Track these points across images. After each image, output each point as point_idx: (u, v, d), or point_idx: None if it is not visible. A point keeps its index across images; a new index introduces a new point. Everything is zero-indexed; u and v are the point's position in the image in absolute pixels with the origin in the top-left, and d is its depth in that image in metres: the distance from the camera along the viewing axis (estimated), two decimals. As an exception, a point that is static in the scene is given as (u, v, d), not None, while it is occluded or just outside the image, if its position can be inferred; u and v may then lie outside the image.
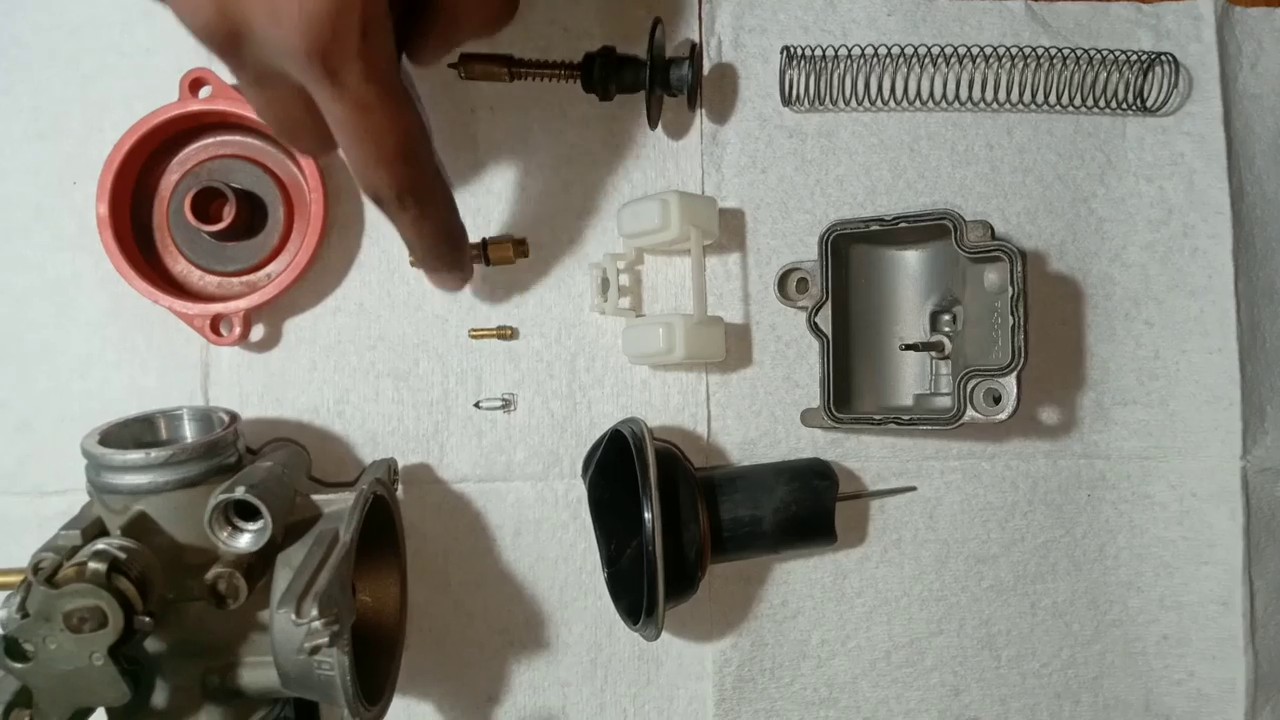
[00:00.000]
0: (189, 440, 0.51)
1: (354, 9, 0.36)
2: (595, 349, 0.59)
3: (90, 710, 0.42)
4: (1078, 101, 0.59)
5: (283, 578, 0.47)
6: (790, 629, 0.60)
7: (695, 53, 0.56)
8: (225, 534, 0.45)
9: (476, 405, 0.59)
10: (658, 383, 0.60)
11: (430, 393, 0.59)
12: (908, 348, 0.58)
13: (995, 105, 0.60)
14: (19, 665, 0.40)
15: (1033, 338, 0.53)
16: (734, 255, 0.60)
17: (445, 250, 0.49)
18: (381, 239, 0.59)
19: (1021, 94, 0.59)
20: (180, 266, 0.58)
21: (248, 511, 0.45)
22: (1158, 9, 0.61)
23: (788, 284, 0.59)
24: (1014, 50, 0.59)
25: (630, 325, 0.58)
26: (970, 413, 0.52)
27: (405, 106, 0.41)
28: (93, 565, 0.41)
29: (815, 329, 0.57)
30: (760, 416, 0.60)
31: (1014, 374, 0.52)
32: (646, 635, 0.53)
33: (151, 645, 0.46)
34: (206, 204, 0.55)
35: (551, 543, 0.59)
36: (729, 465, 0.60)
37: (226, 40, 0.37)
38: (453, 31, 0.45)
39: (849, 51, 0.59)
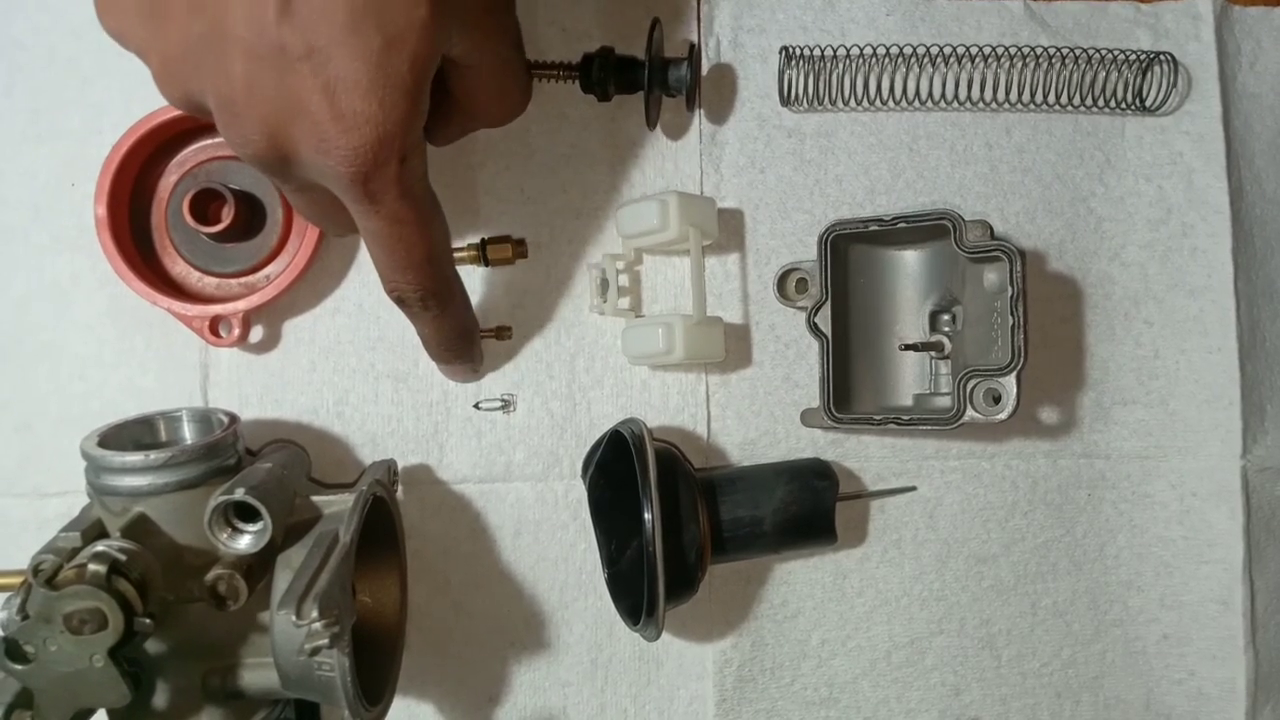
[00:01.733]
0: (188, 442, 0.51)
1: (396, 139, 0.38)
2: (595, 349, 0.59)
3: (91, 712, 0.42)
4: (1076, 101, 0.59)
5: (283, 579, 0.47)
6: (791, 629, 0.60)
7: (694, 53, 0.56)
8: (225, 535, 0.45)
9: (476, 406, 0.59)
10: (657, 383, 0.60)
11: (430, 394, 0.59)
12: (907, 348, 0.58)
13: (994, 105, 0.60)
14: (19, 667, 0.40)
15: (1032, 337, 0.53)
16: (733, 255, 0.60)
17: (460, 345, 0.52)
18: (381, 240, 0.59)
19: (1020, 93, 0.59)
20: (179, 268, 0.58)
21: (247, 513, 0.45)
22: (1156, 8, 0.61)
23: (787, 284, 0.59)
24: (1013, 50, 0.59)
25: (629, 326, 0.58)
26: (970, 413, 0.52)
27: (434, 216, 0.44)
28: (93, 567, 0.41)
29: (815, 329, 0.57)
30: (760, 417, 0.60)
31: (1014, 374, 0.52)
32: (647, 635, 0.53)
33: (152, 647, 0.46)
34: (205, 205, 0.55)
35: (551, 543, 0.59)
36: (729, 465, 0.60)
37: (275, 165, 0.40)
38: (468, 123, 0.49)
39: (848, 51, 0.59)
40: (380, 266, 0.44)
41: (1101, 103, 0.59)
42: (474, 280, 0.59)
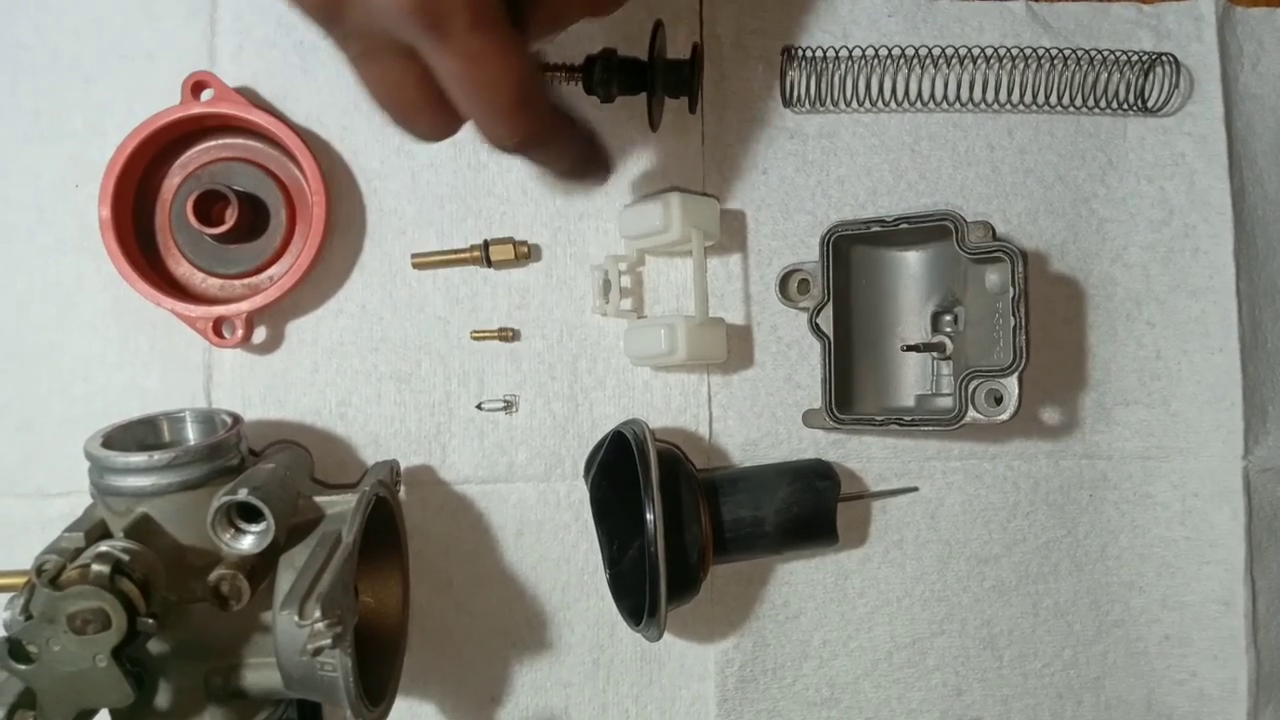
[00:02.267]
0: (192, 442, 0.51)
1: None
2: (597, 350, 0.60)
3: (94, 712, 0.43)
4: (1079, 102, 0.59)
5: (285, 579, 0.47)
6: (792, 629, 0.60)
7: (696, 55, 0.56)
8: (228, 536, 0.45)
9: (478, 407, 0.59)
10: (659, 384, 0.60)
11: (432, 394, 0.59)
12: (909, 348, 0.58)
13: (996, 106, 0.60)
14: (23, 667, 0.40)
15: (1034, 338, 0.53)
16: (735, 256, 0.60)
17: (582, 173, 0.47)
18: (383, 241, 0.59)
19: (1022, 95, 0.59)
20: (182, 269, 0.58)
21: (250, 513, 0.45)
22: (1159, 9, 0.61)
23: (789, 285, 0.59)
24: (1015, 51, 0.59)
25: (632, 327, 0.58)
26: (972, 413, 0.52)
27: (517, 54, 0.39)
28: (96, 567, 0.41)
29: (817, 330, 0.57)
30: (762, 417, 0.60)
31: (1015, 374, 0.52)
32: (649, 636, 0.53)
33: (155, 647, 0.46)
34: (209, 206, 0.55)
35: (554, 544, 0.60)
36: (731, 466, 0.60)
37: (326, 6, 0.36)
38: (562, 9, 0.44)
39: (850, 53, 0.59)
40: (471, 118, 0.40)
41: (1103, 104, 0.59)
42: (476, 281, 0.59)
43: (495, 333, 0.59)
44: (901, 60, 0.59)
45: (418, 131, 0.43)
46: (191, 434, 0.53)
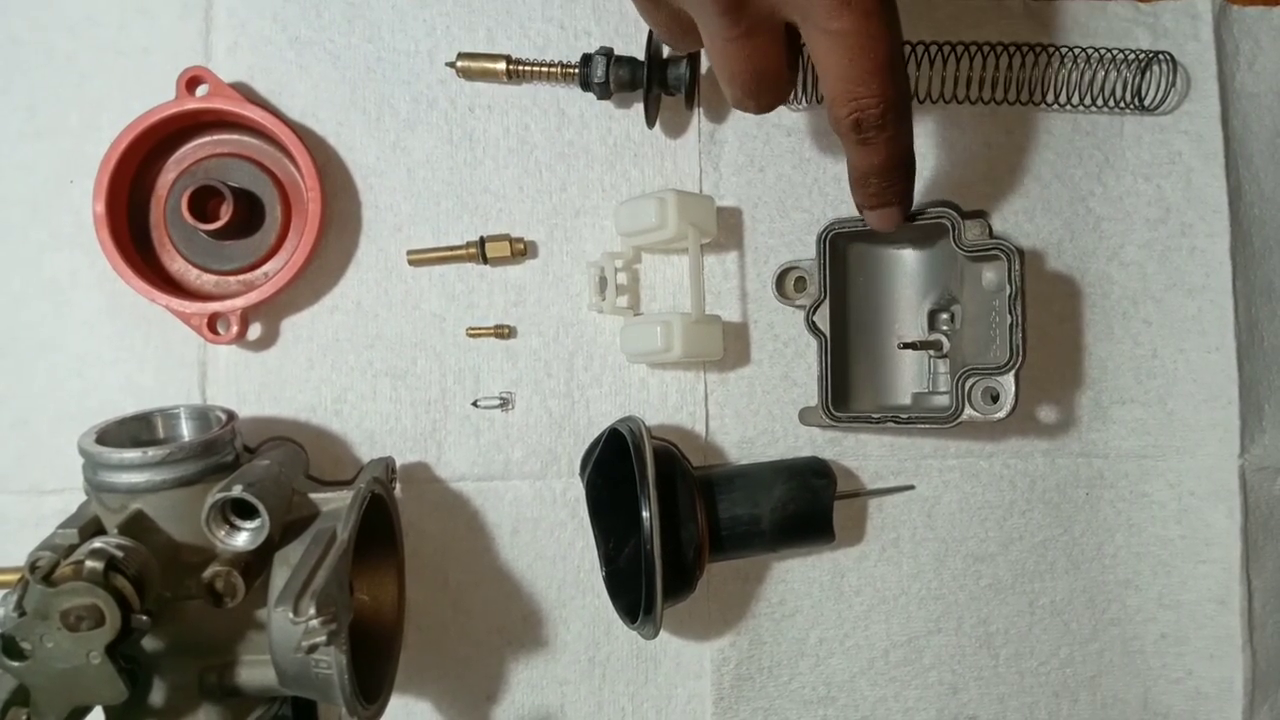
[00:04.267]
0: (186, 439, 0.51)
1: None
2: (593, 348, 0.59)
3: (87, 709, 0.42)
4: (1075, 100, 0.59)
5: (280, 576, 0.47)
6: (788, 628, 0.60)
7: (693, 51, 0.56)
8: (223, 532, 0.45)
9: (474, 404, 0.59)
10: (656, 381, 0.60)
11: (428, 391, 0.59)
12: (906, 346, 0.58)
13: (993, 104, 0.60)
14: (16, 664, 0.40)
15: (1030, 336, 0.53)
16: (732, 254, 0.60)
17: (906, 174, 0.48)
18: (379, 238, 0.59)
19: (1019, 92, 0.59)
20: (177, 265, 0.58)
21: (245, 510, 0.45)
22: (1155, 8, 0.61)
23: (786, 282, 0.59)
24: (1011, 48, 0.59)
25: (628, 324, 0.58)
26: (968, 411, 0.52)
27: (895, 10, 0.41)
28: (90, 564, 0.41)
29: (813, 328, 0.57)
30: (758, 415, 0.60)
31: (1012, 372, 0.52)
32: (645, 634, 0.53)
33: (149, 644, 0.46)
34: (204, 202, 0.55)
35: (549, 541, 0.59)
36: (727, 464, 0.60)
37: None
38: None
39: (847, 50, 0.59)
40: (839, 84, 0.42)
41: (1100, 102, 0.59)
42: (472, 278, 0.59)
43: (491, 330, 0.59)
44: (899, 58, 0.59)
45: (764, 102, 0.46)
46: (186, 430, 0.53)
